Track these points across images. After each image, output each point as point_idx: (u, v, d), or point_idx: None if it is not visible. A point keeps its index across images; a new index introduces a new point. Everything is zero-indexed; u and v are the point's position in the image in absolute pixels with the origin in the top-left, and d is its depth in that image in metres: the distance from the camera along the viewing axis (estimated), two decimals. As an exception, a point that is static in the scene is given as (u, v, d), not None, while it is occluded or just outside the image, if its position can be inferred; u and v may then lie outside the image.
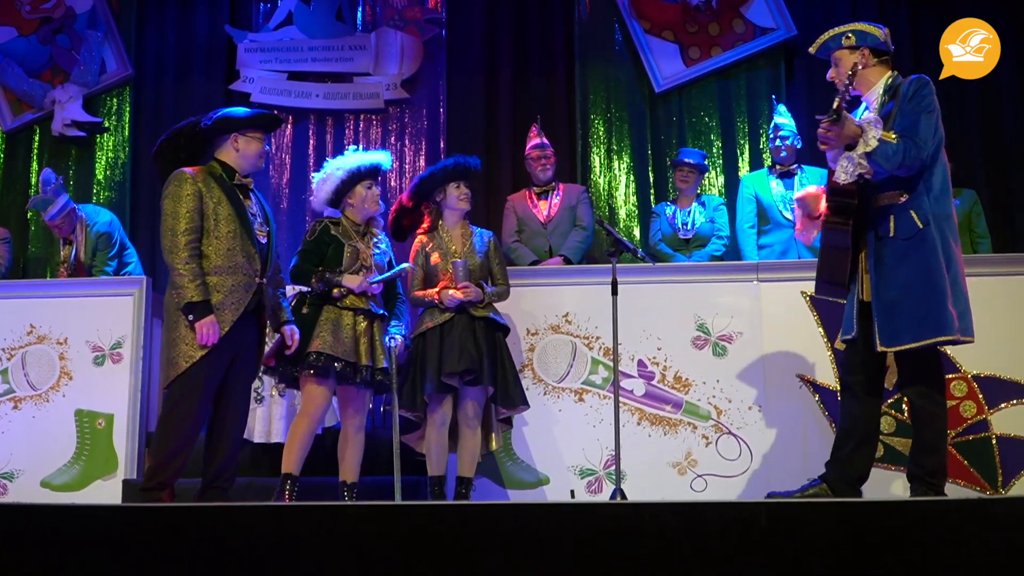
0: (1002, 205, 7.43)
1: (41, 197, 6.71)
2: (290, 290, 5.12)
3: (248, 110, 4.84)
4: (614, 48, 7.88)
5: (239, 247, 4.51)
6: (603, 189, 7.75)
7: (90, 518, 3.39)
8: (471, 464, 5.14)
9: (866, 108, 4.31)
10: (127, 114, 8.03)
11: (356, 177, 5.03)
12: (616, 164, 7.78)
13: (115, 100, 8.06)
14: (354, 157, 5.13)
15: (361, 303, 4.89)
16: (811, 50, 4.47)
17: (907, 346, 4.09)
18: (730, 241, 6.68)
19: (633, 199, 7.73)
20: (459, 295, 5.08)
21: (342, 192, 5.04)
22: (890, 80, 4.28)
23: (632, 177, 7.76)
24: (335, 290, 4.86)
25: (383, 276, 4.97)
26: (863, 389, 4.29)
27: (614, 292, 4.94)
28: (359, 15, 8.05)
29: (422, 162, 7.74)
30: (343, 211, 5.08)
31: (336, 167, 5.09)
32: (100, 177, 7.94)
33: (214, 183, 4.54)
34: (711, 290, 5.64)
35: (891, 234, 4.13)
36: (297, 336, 4.75)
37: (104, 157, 7.97)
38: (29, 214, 7.91)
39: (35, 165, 8.03)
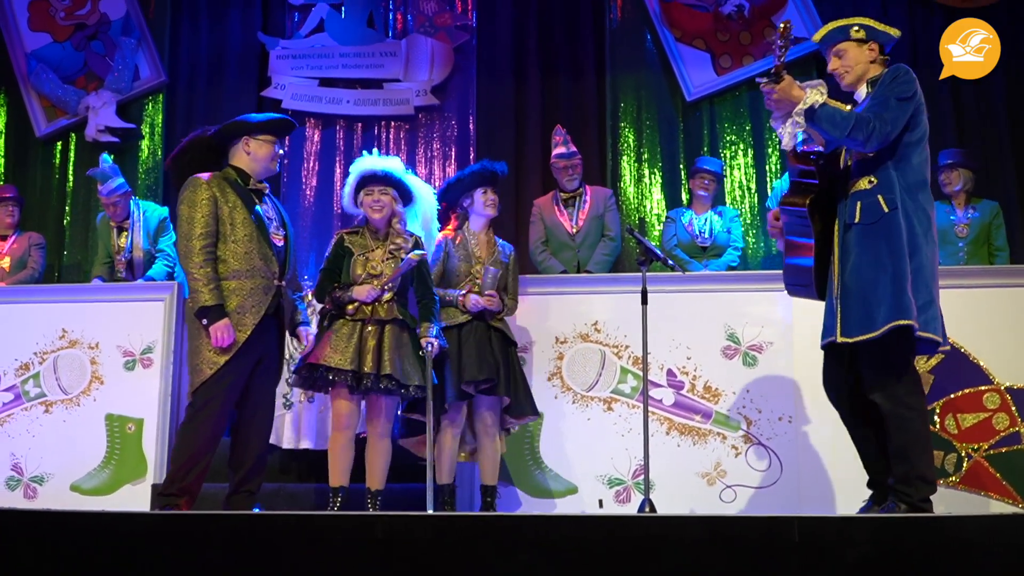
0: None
1: (100, 169, 6.70)
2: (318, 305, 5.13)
3: (262, 115, 4.86)
4: (645, 56, 7.83)
5: (256, 250, 4.53)
6: (633, 198, 7.71)
7: (118, 524, 3.40)
8: (493, 472, 5.16)
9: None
10: (160, 120, 8.07)
11: (357, 184, 5.06)
12: (646, 173, 7.73)
13: (149, 106, 8.11)
14: (359, 162, 5.13)
15: (366, 312, 4.87)
16: (815, 39, 4.32)
17: (867, 336, 3.82)
18: (743, 253, 6.64)
19: (663, 208, 7.68)
20: (483, 302, 5.09)
21: (355, 197, 5.09)
22: (878, 75, 4.09)
23: (662, 186, 7.72)
24: (349, 305, 4.86)
25: (391, 278, 4.92)
26: (847, 405, 4.14)
27: (644, 301, 4.91)
28: (390, 22, 8.07)
29: (451, 168, 7.73)
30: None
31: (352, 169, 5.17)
32: (134, 183, 7.98)
33: (229, 188, 4.56)
34: (741, 299, 5.60)
35: (856, 220, 3.92)
36: (312, 337, 4.79)
37: (137, 163, 8.02)
38: (65, 220, 7.98)
39: (70, 171, 8.09)
